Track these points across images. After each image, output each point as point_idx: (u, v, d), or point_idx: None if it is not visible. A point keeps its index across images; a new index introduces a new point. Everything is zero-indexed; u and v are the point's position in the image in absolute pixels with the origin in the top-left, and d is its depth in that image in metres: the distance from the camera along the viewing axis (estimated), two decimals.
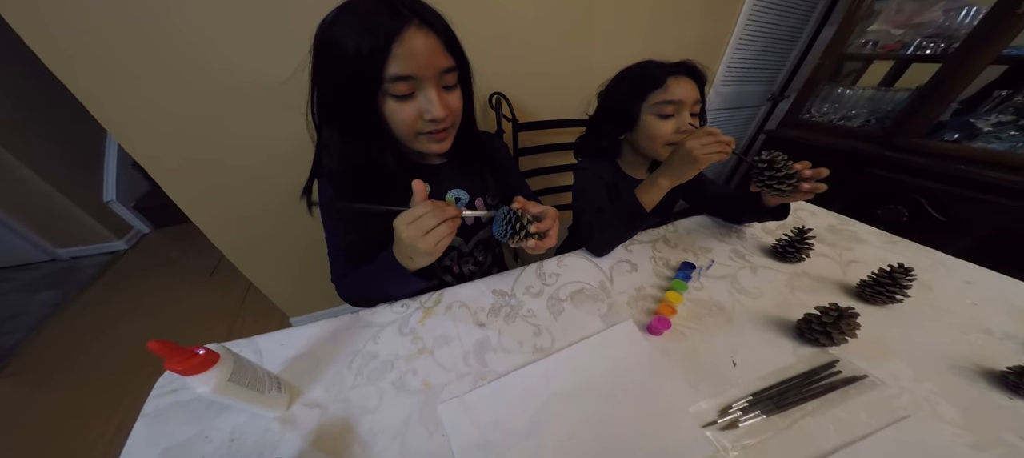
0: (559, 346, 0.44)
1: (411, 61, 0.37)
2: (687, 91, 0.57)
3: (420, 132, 0.44)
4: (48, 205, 1.59)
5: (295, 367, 0.41)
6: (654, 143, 0.60)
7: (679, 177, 0.54)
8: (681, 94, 0.56)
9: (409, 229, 0.37)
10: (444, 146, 0.47)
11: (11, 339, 1.32)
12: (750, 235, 0.67)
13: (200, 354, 0.27)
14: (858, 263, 0.58)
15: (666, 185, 0.56)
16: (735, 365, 0.42)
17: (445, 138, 0.47)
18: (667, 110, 0.57)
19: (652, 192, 0.56)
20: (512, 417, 0.37)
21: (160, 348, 0.24)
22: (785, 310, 0.49)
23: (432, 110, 0.41)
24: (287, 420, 0.36)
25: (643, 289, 0.53)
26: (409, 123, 0.42)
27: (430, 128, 0.43)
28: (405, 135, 0.44)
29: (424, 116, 0.41)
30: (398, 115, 0.41)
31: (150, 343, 0.24)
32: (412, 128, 0.43)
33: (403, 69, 0.37)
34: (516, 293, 0.52)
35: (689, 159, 0.51)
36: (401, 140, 0.45)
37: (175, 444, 0.34)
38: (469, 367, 0.42)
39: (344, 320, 0.47)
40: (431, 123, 0.42)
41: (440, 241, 0.37)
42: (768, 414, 0.37)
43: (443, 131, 0.45)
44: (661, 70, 0.57)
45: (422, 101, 0.41)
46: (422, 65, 0.38)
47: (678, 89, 0.56)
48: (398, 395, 0.39)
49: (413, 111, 0.41)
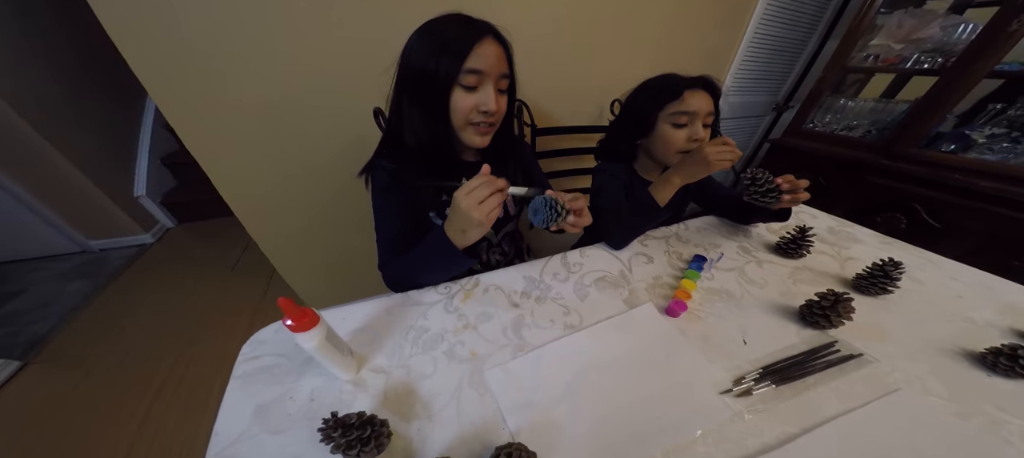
0: (587, 324, 0.50)
1: (483, 60, 0.47)
2: (701, 103, 0.62)
3: (471, 122, 0.52)
4: (83, 198, 1.66)
5: (358, 338, 0.47)
6: (667, 149, 0.66)
7: (690, 176, 0.61)
8: (695, 106, 0.62)
9: (467, 199, 0.42)
10: (485, 141, 0.55)
11: (45, 326, 1.38)
12: (755, 234, 0.72)
13: (309, 315, 0.33)
14: (855, 260, 0.64)
15: (678, 183, 0.61)
16: (746, 344, 0.47)
17: (488, 133, 0.54)
18: (681, 120, 0.63)
19: (665, 189, 0.62)
20: (550, 382, 0.42)
21: (284, 304, 0.30)
22: (788, 298, 0.54)
23: (488, 103, 0.49)
24: (357, 383, 0.42)
25: (660, 278, 0.58)
26: (466, 112, 0.50)
27: (480, 119, 0.51)
28: (459, 123, 0.52)
29: (479, 108, 0.50)
30: (461, 102, 0.50)
31: (280, 300, 0.30)
32: (466, 117, 0.51)
33: (477, 64, 0.47)
34: (544, 279, 0.58)
35: (702, 162, 0.57)
36: (455, 127, 0.53)
37: (265, 402, 0.39)
38: (508, 340, 0.47)
39: (396, 298, 0.53)
40: (482, 115, 0.50)
41: (491, 211, 0.43)
42: (777, 385, 0.42)
43: (489, 126, 0.53)
44: (680, 83, 0.63)
45: (482, 95, 0.49)
46: (491, 65, 0.48)
47: (693, 101, 0.62)
48: (450, 363, 0.44)
49: (472, 102, 0.50)
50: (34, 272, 1.66)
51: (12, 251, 1.68)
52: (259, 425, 0.37)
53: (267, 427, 0.37)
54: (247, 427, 0.37)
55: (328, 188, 0.98)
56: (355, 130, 0.90)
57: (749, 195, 0.60)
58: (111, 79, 1.64)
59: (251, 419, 0.38)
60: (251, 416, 0.38)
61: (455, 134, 0.54)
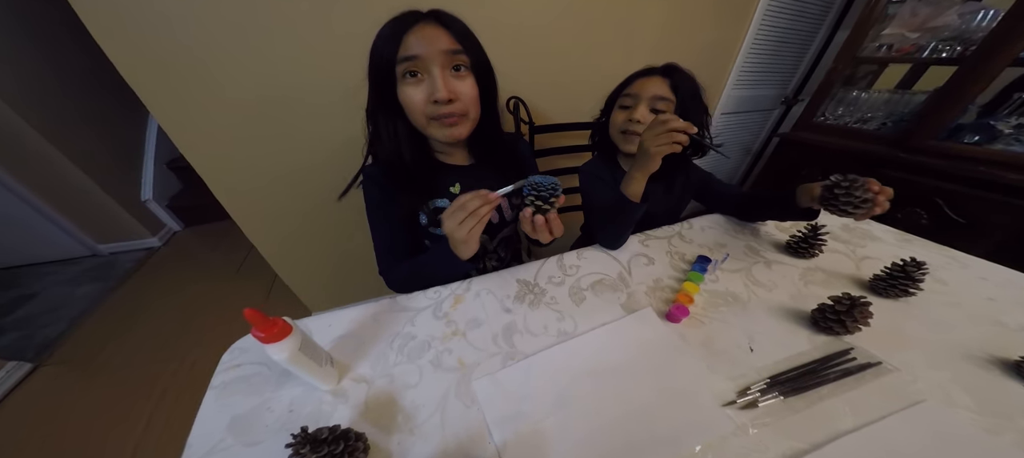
0: (582, 330, 0.47)
1: (418, 44, 0.43)
2: (649, 87, 0.61)
3: (431, 117, 0.48)
4: (91, 202, 1.70)
5: (341, 346, 0.45)
6: (612, 130, 0.68)
7: (643, 168, 0.55)
8: (639, 89, 0.62)
9: (447, 222, 0.43)
10: (456, 133, 0.50)
11: (55, 330, 1.41)
12: (763, 232, 0.69)
13: (279, 325, 0.31)
14: (872, 259, 0.60)
15: (638, 176, 0.56)
16: (752, 351, 0.44)
17: (456, 124, 0.50)
18: (625, 102, 0.65)
19: (629, 183, 0.58)
20: (541, 393, 0.40)
21: (251, 316, 0.29)
22: (799, 301, 0.51)
23: (437, 90, 0.45)
24: (338, 393, 0.40)
25: (660, 281, 0.56)
26: (420, 107, 0.47)
27: (439, 112, 0.47)
28: (419, 121, 0.49)
29: (431, 97, 0.46)
30: (411, 99, 0.46)
31: (246, 311, 0.28)
32: (424, 112, 0.47)
33: (411, 50, 0.43)
34: (539, 282, 0.55)
35: (642, 150, 0.53)
36: (418, 128, 0.50)
37: (241, 413, 0.38)
38: (499, 348, 0.45)
39: (383, 304, 0.51)
40: (437, 106, 0.46)
41: (472, 229, 0.43)
42: (786, 396, 0.39)
43: (452, 116, 0.48)
44: (639, 72, 0.64)
45: (429, 83, 0.45)
46: (428, 48, 0.44)
47: (640, 85, 0.62)
48: (436, 372, 0.42)
49: (422, 94, 0.46)
50: (46, 276, 1.69)
51: (25, 255, 1.72)
52: (234, 436, 0.36)
53: (243, 439, 0.36)
54: (221, 439, 0.35)
55: (324, 189, 0.97)
56: (349, 130, 0.89)
57: (832, 204, 0.49)
58: (116, 83, 1.64)
59: (226, 430, 0.36)
60: (226, 427, 0.37)
61: (426, 137, 0.52)
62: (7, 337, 1.38)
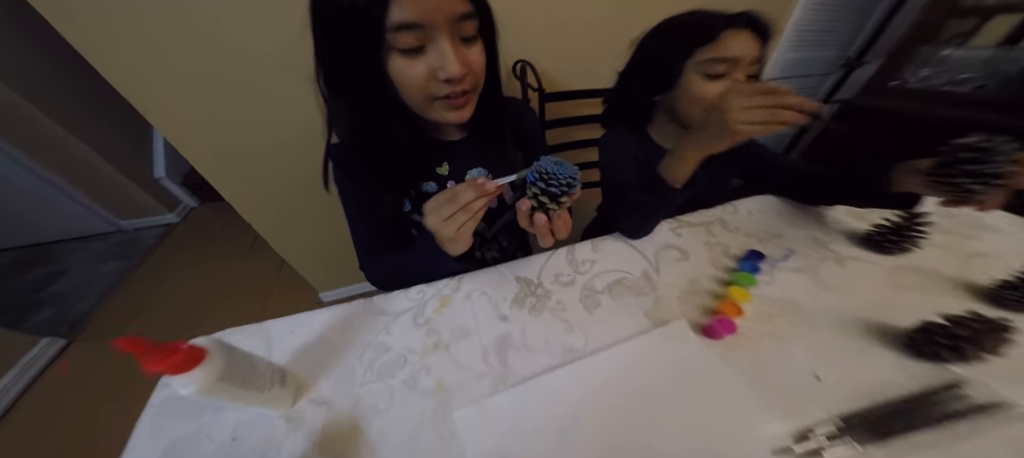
0: (593, 347, 0.38)
1: (416, 5, 0.30)
2: (746, 47, 0.45)
3: (435, 97, 0.36)
4: (110, 181, 1.73)
5: (303, 357, 0.38)
6: (695, 108, 0.49)
7: (708, 146, 0.41)
8: (738, 50, 0.44)
9: (431, 217, 0.35)
10: (464, 115, 0.40)
11: (86, 305, 1.47)
12: (832, 218, 0.54)
13: (182, 351, 0.23)
14: (987, 257, 0.46)
15: (692, 156, 0.43)
16: (819, 380, 0.34)
17: (465, 104, 0.39)
18: (717, 69, 0.46)
19: (677, 166, 0.45)
20: (538, 429, 0.32)
21: (130, 346, 0.21)
22: (886, 313, 0.39)
23: (447, 67, 0.33)
24: (293, 418, 0.33)
25: (697, 282, 0.44)
26: (420, 85, 0.35)
27: (447, 91, 0.36)
28: (417, 101, 0.37)
29: (438, 75, 0.34)
30: (407, 74, 0.34)
31: (117, 342, 0.20)
32: (424, 91, 0.35)
33: (407, 15, 0.30)
34: (543, 281, 0.46)
35: (720, 127, 0.37)
36: (413, 108, 0.38)
37: (178, 439, 0.32)
38: (489, 367, 0.37)
39: (357, 305, 0.43)
40: (447, 84, 0.35)
41: (461, 226, 0.34)
42: (863, 443, 0.29)
43: (462, 95, 0.37)
44: (716, 21, 0.45)
45: (434, 56, 0.33)
46: (431, 9, 0.31)
47: (735, 44, 0.44)
48: (410, 395, 0.35)
49: (424, 70, 0.34)
50: (75, 252, 1.77)
51: (55, 231, 1.80)
52: None
53: None
54: None
55: (311, 163, 0.90)
56: None
57: (952, 182, 0.35)
58: None
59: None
60: (160, 456, 0.31)
61: (416, 115, 0.40)
62: (45, 312, 1.45)
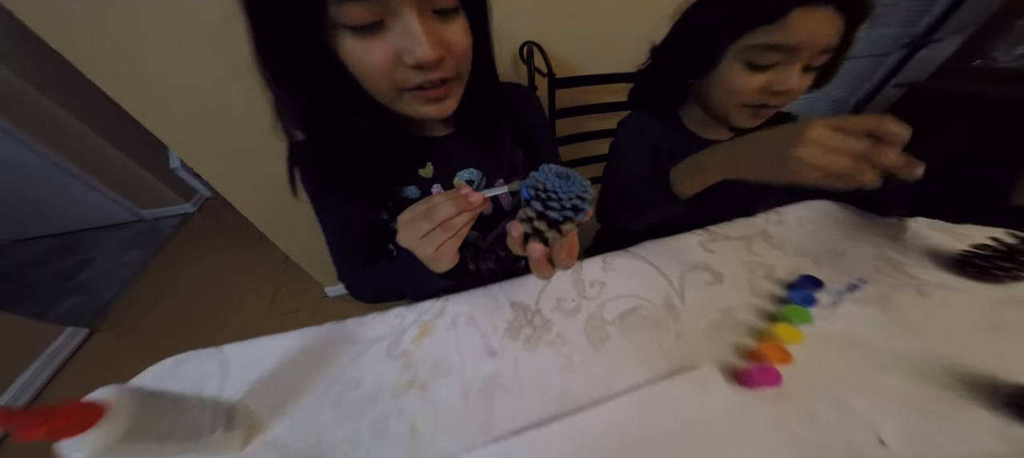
0: (595, 395, 0.31)
1: None
2: (817, 31, 0.34)
3: (403, 88, 0.29)
4: (131, 173, 1.79)
5: (263, 388, 0.34)
6: (727, 99, 0.41)
7: (746, 170, 0.32)
8: (803, 34, 0.34)
9: (404, 232, 0.28)
10: (445, 108, 0.32)
11: (110, 294, 1.53)
12: (910, 233, 0.44)
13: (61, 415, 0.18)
14: None
15: (717, 173, 0.35)
16: (884, 445, 0.27)
17: (446, 95, 0.31)
18: (766, 58, 0.36)
19: (693, 177, 0.37)
20: None
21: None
22: (983, 361, 0.30)
23: (416, 49, 0.25)
24: None
25: (732, 312, 0.36)
26: (383, 73, 0.27)
27: (419, 80, 0.28)
28: (382, 92, 0.29)
29: (405, 60, 0.26)
30: (365, 60, 0.27)
31: None
32: (390, 81, 0.28)
33: None
34: (542, 308, 0.39)
35: (782, 155, 0.27)
36: (379, 100, 0.31)
37: None
38: (471, 413, 0.31)
39: (326, 329, 0.38)
40: (419, 71, 0.27)
41: (442, 245, 0.27)
42: None
43: (441, 84, 0.30)
44: None
45: (399, 35, 0.25)
46: None
47: (803, 26, 0.33)
48: (376, 442, 0.29)
49: (386, 53, 0.26)
50: (101, 240, 1.84)
51: (81, 220, 1.88)
52: None
53: None
54: None
55: None
56: None
57: None
58: None
59: None
60: None
61: (386, 109, 0.32)
62: (72, 300, 1.52)
